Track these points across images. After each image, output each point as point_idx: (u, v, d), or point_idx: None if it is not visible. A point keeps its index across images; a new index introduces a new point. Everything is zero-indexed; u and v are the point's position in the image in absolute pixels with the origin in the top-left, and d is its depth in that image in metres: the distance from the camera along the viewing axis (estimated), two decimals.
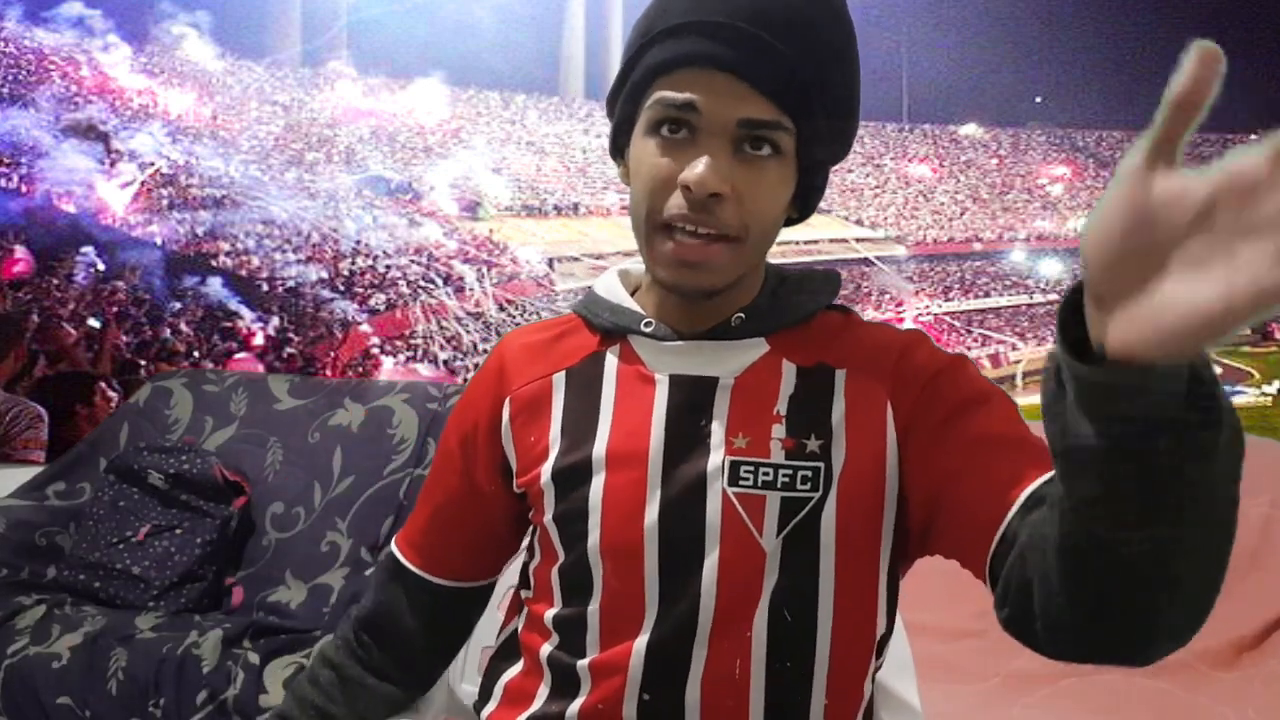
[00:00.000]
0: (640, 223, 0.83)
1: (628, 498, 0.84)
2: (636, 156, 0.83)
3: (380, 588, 1.03)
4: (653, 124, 0.81)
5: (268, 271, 18.01)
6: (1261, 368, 27.81)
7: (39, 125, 18.10)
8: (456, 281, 22.40)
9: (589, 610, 0.85)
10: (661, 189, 0.80)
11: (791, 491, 0.81)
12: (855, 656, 0.85)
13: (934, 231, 41.03)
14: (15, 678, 1.62)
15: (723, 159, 0.79)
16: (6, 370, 3.45)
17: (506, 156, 37.29)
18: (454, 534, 1.00)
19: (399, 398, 2.01)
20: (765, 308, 0.88)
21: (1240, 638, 1.78)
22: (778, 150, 0.80)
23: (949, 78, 36.20)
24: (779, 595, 0.81)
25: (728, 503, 0.82)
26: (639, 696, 0.83)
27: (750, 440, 0.83)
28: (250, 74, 37.07)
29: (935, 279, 36.97)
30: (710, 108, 0.78)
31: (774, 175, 0.81)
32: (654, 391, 0.86)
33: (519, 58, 54.66)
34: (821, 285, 0.91)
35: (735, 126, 0.78)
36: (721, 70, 0.78)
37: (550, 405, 0.90)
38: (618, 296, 0.92)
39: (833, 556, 0.82)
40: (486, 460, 0.95)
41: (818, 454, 0.82)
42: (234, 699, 1.53)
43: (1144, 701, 1.71)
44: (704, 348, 0.86)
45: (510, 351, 0.95)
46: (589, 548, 0.85)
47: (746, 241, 0.81)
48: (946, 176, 47.30)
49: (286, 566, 1.87)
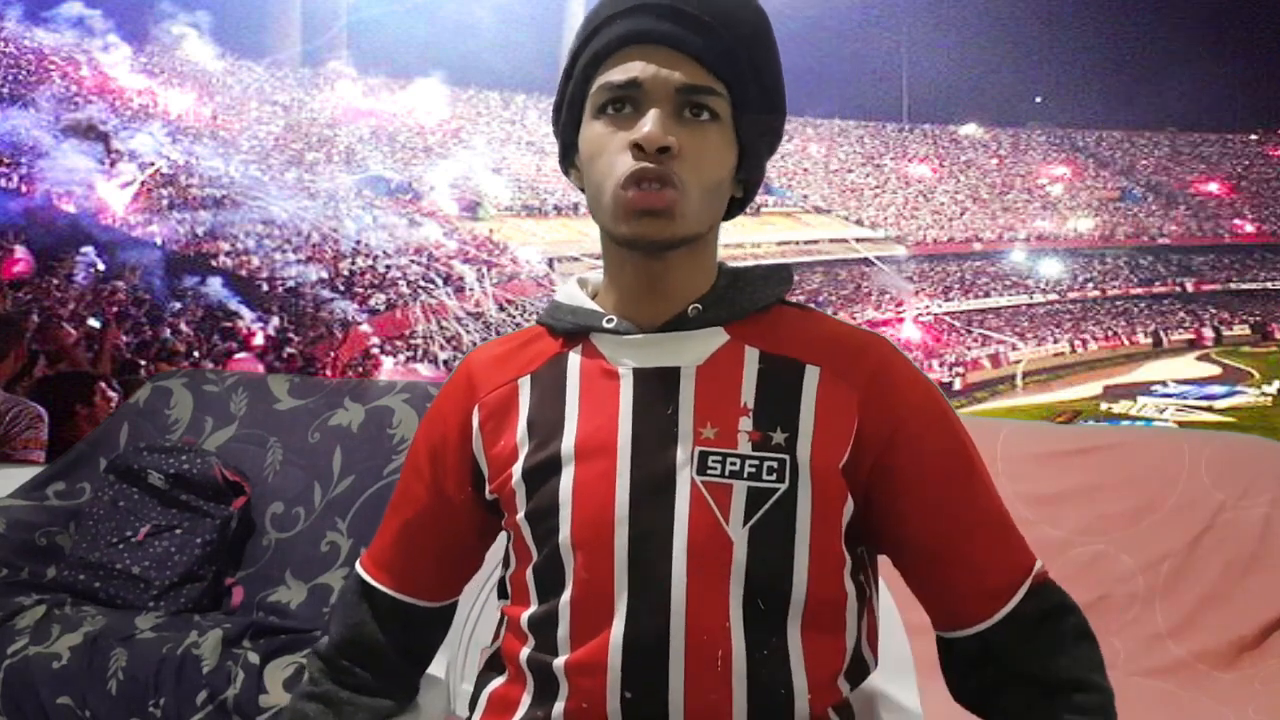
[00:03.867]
0: (601, 194, 0.86)
1: (597, 490, 0.86)
2: (586, 139, 0.88)
3: (349, 610, 1.03)
4: (598, 108, 0.87)
5: (268, 271, 18.01)
6: (1261, 368, 27.81)
7: (39, 125, 18.10)
8: (456, 281, 22.40)
9: (560, 604, 0.86)
10: (615, 155, 0.85)
11: (758, 481, 0.84)
12: (830, 637, 0.87)
13: (934, 231, 41.02)
14: (15, 678, 1.62)
15: (666, 119, 0.84)
16: (6, 370, 3.45)
17: (506, 156, 37.27)
18: (422, 549, 1.00)
19: (399, 398, 2.01)
20: (720, 298, 0.91)
21: (1240, 638, 1.78)
22: (715, 116, 0.86)
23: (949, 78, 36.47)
24: (752, 586, 0.83)
25: (696, 491, 0.84)
26: (621, 694, 0.83)
27: (718, 431, 0.85)
28: (250, 74, 37.06)
29: (935, 279, 36.96)
30: (650, 79, 0.84)
31: (715, 137, 0.86)
32: (618, 385, 0.88)
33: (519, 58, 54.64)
34: (773, 276, 0.95)
35: (674, 93, 0.84)
36: (657, 44, 0.85)
37: (517, 408, 0.92)
38: (576, 299, 0.95)
39: (807, 548, 0.84)
40: (456, 470, 0.96)
41: (783, 446, 0.85)
42: (234, 699, 1.53)
43: (1144, 701, 1.71)
44: (664, 339, 0.89)
45: (477, 364, 0.98)
46: (560, 542, 0.86)
47: (696, 192, 0.85)
48: (946, 176, 47.29)
49: (286, 566, 1.87)
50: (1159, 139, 54.23)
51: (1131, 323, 36.14)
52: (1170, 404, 23.03)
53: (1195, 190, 48.17)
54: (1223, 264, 41.88)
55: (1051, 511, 1.97)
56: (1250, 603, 1.81)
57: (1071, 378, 27.93)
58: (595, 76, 0.87)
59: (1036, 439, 2.11)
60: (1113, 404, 23.66)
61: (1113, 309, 37.28)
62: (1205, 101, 76.44)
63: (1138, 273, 40.61)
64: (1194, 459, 1.93)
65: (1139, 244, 42.59)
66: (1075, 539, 1.94)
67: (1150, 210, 46.23)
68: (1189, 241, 43.13)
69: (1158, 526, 1.90)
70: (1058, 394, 25.75)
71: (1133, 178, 49.66)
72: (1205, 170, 50.12)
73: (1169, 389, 25.10)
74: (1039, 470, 2.03)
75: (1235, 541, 1.85)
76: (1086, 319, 36.13)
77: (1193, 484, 1.91)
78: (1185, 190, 48.30)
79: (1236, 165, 50.36)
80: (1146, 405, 23.07)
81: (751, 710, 0.83)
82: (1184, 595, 1.84)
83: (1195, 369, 29.00)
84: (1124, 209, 45.99)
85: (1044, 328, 34.46)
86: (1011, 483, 1.99)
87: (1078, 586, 1.90)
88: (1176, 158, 51.89)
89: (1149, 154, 52.34)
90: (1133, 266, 40.92)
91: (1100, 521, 1.94)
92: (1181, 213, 45.83)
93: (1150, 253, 42.09)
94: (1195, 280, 40.50)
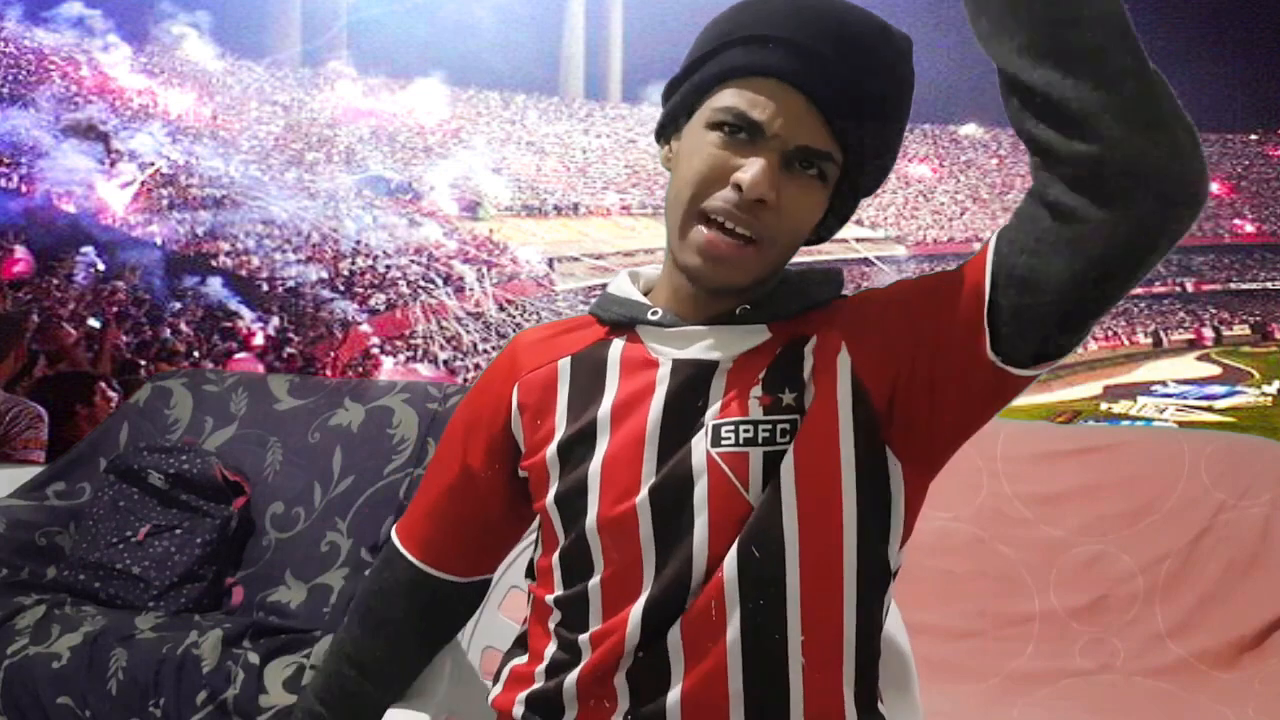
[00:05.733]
0: (681, 206, 0.86)
1: (623, 475, 0.87)
2: (691, 144, 0.87)
3: (377, 573, 1.07)
4: (716, 121, 0.85)
5: (268, 271, 18.01)
6: (1261, 368, 27.81)
7: (39, 125, 18.10)
8: (456, 281, 22.40)
9: (590, 586, 0.88)
10: (712, 180, 0.84)
11: (772, 445, 0.85)
12: (827, 588, 0.86)
13: (934, 231, 41.03)
14: (15, 678, 1.62)
15: (775, 169, 0.83)
16: (6, 370, 3.45)
17: (506, 156, 37.26)
18: (450, 522, 1.03)
19: (399, 398, 2.00)
20: (769, 299, 0.91)
21: (1240, 638, 1.79)
22: (823, 176, 0.86)
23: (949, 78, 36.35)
24: (747, 534, 0.84)
25: (713, 463, 0.85)
26: (635, 655, 0.85)
27: (733, 405, 0.87)
28: (250, 74, 37.05)
29: None
30: (775, 125, 0.83)
31: (814, 196, 0.87)
32: (656, 374, 0.90)
33: (519, 58, 54.65)
34: (825, 280, 0.95)
35: (794, 149, 0.84)
36: (796, 90, 0.83)
37: (556, 388, 0.94)
38: (626, 291, 0.96)
39: (794, 492, 0.84)
40: (489, 445, 0.98)
41: (793, 406, 0.86)
42: (234, 699, 1.53)
43: (1144, 701, 1.71)
44: (708, 333, 0.90)
45: (522, 345, 1.00)
46: (587, 525, 0.88)
47: (774, 251, 0.86)
48: (946, 176, 47.30)
49: (286, 566, 1.87)
50: None
51: (1131, 323, 36.15)
52: (1170, 404, 23.04)
53: None
54: (1223, 264, 41.89)
55: (1051, 511, 1.97)
56: (1250, 603, 1.81)
57: (1071, 378, 27.93)
58: (722, 87, 0.85)
59: (1036, 439, 2.11)
60: (1113, 404, 23.67)
61: (1112, 309, 37.27)
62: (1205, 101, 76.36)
63: None
64: (1194, 459, 1.94)
65: None
66: (1075, 539, 1.94)
67: None
68: (1189, 241, 42.89)
69: (1158, 526, 1.91)
70: (1058, 394, 25.73)
71: None
72: None
73: (1169, 389, 25.11)
74: (1039, 470, 2.03)
75: (1235, 541, 1.85)
76: None
77: (1193, 484, 1.91)
78: None
79: (1236, 165, 50.35)
80: (1146, 405, 23.08)
81: (745, 651, 0.83)
82: (1184, 595, 1.84)
83: (1195, 369, 29.01)
84: None
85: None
86: (1011, 483, 1.99)
87: (1078, 586, 1.91)
88: None
89: None
90: None
91: (1100, 521, 1.94)
92: None
93: None
94: (1195, 280, 40.51)
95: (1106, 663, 1.82)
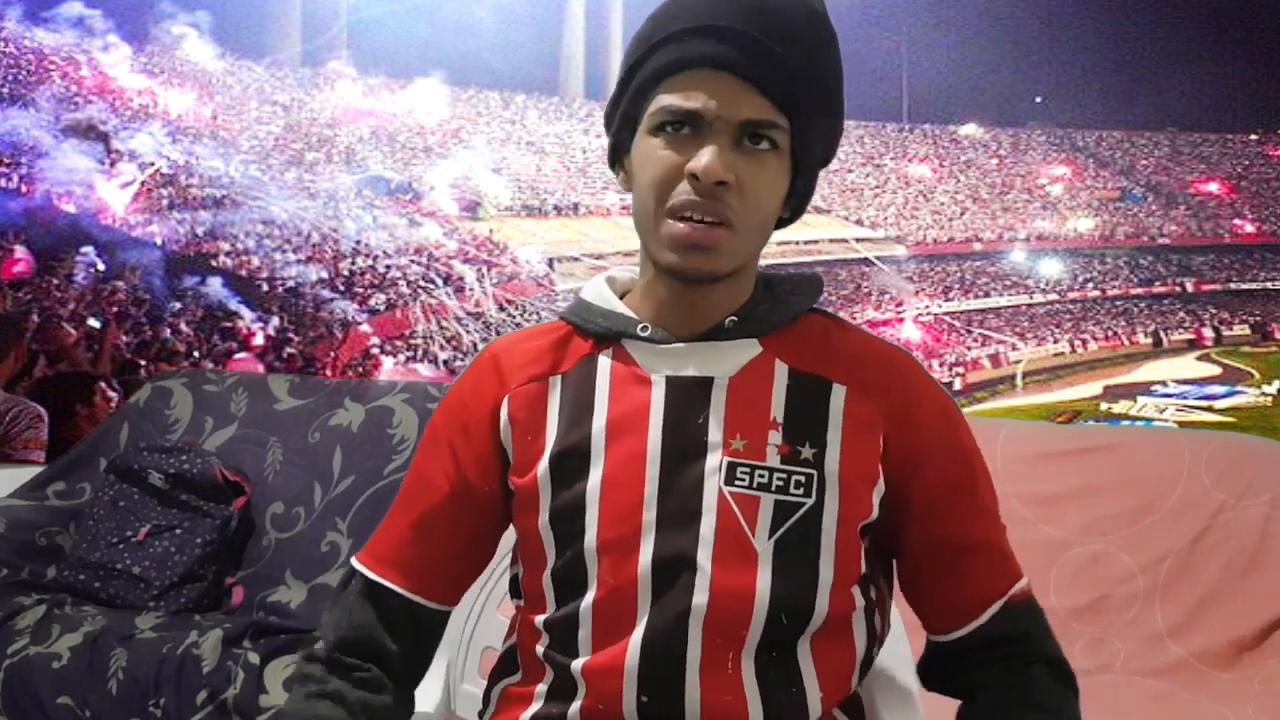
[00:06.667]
0: (648, 214, 0.86)
1: (624, 496, 0.86)
2: (641, 154, 0.87)
3: (353, 613, 0.95)
4: (657, 125, 0.86)
5: (268, 271, 18.01)
6: (1261, 368, 27.81)
7: (39, 125, 18.08)
8: (456, 281, 22.39)
9: (581, 608, 0.86)
10: (668, 179, 0.84)
11: (785, 495, 0.85)
12: (842, 642, 0.88)
13: (934, 231, 41.00)
14: (15, 678, 1.62)
15: (726, 151, 0.83)
16: (6, 370, 3.45)
17: (506, 156, 37.25)
18: (441, 542, 0.95)
19: (399, 398, 2.01)
20: (756, 311, 0.91)
21: (1240, 638, 1.78)
22: (775, 146, 0.85)
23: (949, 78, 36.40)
24: (777, 600, 0.83)
25: (723, 501, 0.84)
26: (637, 699, 0.83)
27: (748, 443, 0.86)
28: (250, 74, 37.03)
29: (935, 279, 36.95)
30: (714, 110, 0.83)
31: (772, 169, 0.86)
32: (650, 392, 0.88)
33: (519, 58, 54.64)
34: (806, 287, 0.95)
35: (737, 126, 0.84)
36: (724, 71, 0.83)
37: (546, 407, 0.92)
38: (609, 302, 0.95)
39: (831, 566, 0.85)
40: (482, 458, 0.94)
41: (811, 462, 0.86)
42: (234, 699, 1.53)
43: (1144, 701, 1.71)
44: (699, 349, 0.89)
45: (505, 354, 0.96)
46: (585, 546, 0.86)
47: (747, 231, 0.86)
48: (946, 176, 47.28)
49: (286, 566, 1.87)
50: (1159, 139, 54.20)
51: (1131, 323, 36.14)
52: (1170, 404, 23.03)
53: (1195, 190, 48.15)
54: (1223, 264, 41.88)
55: (1051, 511, 1.97)
56: (1250, 603, 1.81)
57: (1071, 378, 27.93)
58: (655, 92, 0.86)
59: (1036, 439, 2.11)
60: (1113, 404, 23.65)
61: (1113, 309, 37.27)
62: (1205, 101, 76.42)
63: (1138, 273, 40.61)
64: (1194, 459, 1.94)
65: (1139, 244, 42.57)
66: (1075, 539, 1.94)
67: (1150, 210, 46.21)
68: (1189, 241, 43.10)
69: (1157, 526, 1.91)
70: (1058, 394, 25.74)
71: (1133, 178, 49.64)
72: (1205, 170, 50.09)
73: (1169, 389, 25.10)
74: (1039, 470, 2.03)
75: (1235, 541, 1.85)
76: (1086, 319, 36.13)
77: (1193, 484, 1.91)
78: (1185, 190, 48.28)
79: (1236, 165, 50.34)
80: (1146, 405, 23.07)
81: (767, 711, 0.83)
82: (1184, 595, 1.84)
83: (1195, 369, 29.00)
84: (1124, 209, 45.98)
85: (1044, 328, 34.45)
86: (1011, 483, 1.99)
87: (1078, 586, 1.91)
88: (1176, 158, 51.86)
89: (1149, 154, 52.31)
90: (1133, 266, 40.92)
91: (1100, 521, 1.94)
92: (1181, 213, 45.83)
93: (1150, 253, 42.08)
94: (1195, 280, 40.50)
95: (1106, 662, 1.82)
